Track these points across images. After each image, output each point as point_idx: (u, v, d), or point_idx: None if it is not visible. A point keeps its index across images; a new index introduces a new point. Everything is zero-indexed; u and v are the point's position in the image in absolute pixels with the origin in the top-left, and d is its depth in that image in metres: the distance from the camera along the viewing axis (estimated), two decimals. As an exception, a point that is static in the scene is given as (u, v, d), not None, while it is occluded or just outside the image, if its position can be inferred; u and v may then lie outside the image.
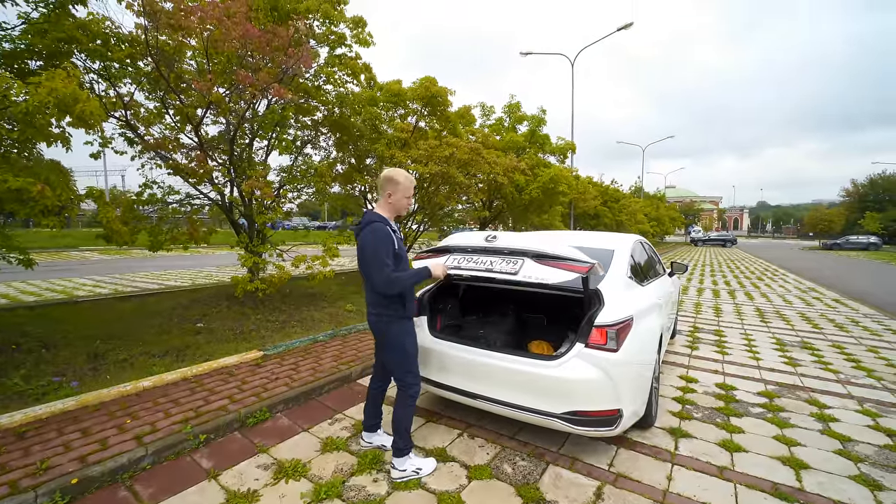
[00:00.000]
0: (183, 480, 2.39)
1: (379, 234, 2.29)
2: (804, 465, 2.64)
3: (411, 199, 2.51)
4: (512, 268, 2.56)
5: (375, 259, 2.26)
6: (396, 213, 2.49)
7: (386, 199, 2.44)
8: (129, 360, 3.93)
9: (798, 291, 10.61)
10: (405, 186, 2.43)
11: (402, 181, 2.42)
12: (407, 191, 2.44)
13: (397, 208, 2.47)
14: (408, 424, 2.49)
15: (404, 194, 2.44)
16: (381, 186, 2.46)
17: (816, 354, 5.04)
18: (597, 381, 2.40)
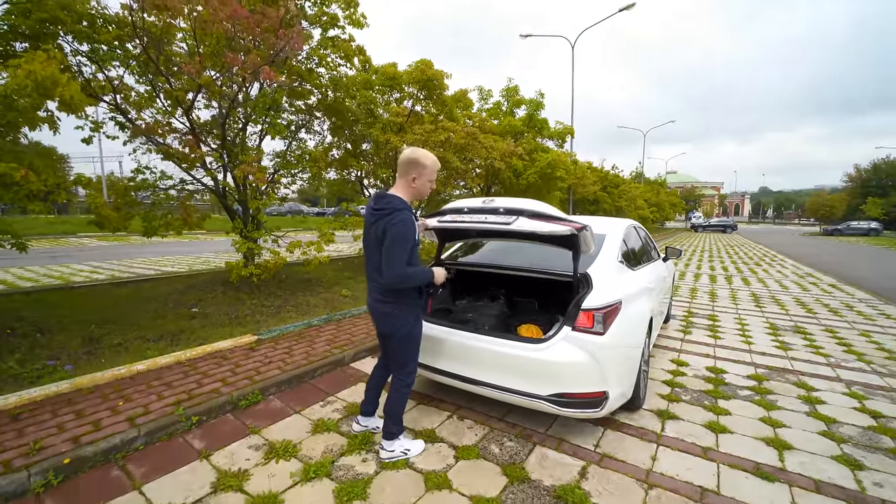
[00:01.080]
0: (175, 460, 2.43)
1: (407, 226, 2.15)
2: (788, 445, 2.68)
3: (434, 182, 2.38)
4: (506, 220, 2.50)
5: (395, 251, 2.14)
6: (418, 197, 2.36)
7: (409, 183, 2.30)
8: (124, 344, 3.96)
9: (795, 277, 10.62)
10: (431, 170, 2.30)
11: (428, 164, 2.29)
12: (432, 174, 2.32)
13: (420, 192, 2.34)
14: (401, 411, 2.49)
15: (429, 178, 2.31)
16: (402, 168, 2.29)
17: (809, 339, 5.07)
18: (583, 364, 2.42)
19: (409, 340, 2.40)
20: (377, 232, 2.22)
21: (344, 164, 8.56)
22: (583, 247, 2.66)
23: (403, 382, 2.45)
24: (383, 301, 2.33)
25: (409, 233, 2.15)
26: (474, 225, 2.63)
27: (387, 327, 2.37)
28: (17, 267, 9.55)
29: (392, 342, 2.41)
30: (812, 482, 2.32)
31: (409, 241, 2.15)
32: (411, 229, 2.17)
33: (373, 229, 2.26)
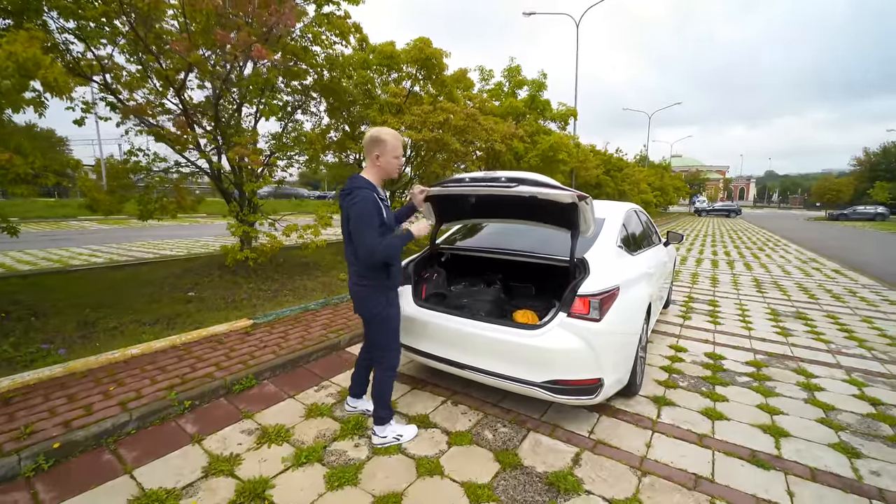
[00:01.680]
0: (167, 444, 2.43)
1: (365, 202, 2.13)
2: (784, 433, 2.65)
3: (401, 158, 2.33)
4: (508, 185, 2.43)
5: (360, 228, 2.12)
6: (386, 175, 2.32)
7: (374, 162, 2.27)
8: (119, 328, 3.95)
9: (798, 262, 10.53)
10: (393, 145, 2.25)
11: (388, 139, 2.24)
12: (395, 150, 2.27)
13: (387, 171, 2.30)
14: (388, 395, 2.47)
15: (393, 154, 2.26)
16: (366, 149, 2.29)
17: (810, 325, 5.02)
18: (578, 351, 2.38)
19: (383, 322, 2.36)
20: (345, 214, 2.24)
21: (341, 146, 8.41)
22: (582, 223, 2.60)
23: (386, 366, 2.44)
24: (358, 283, 2.34)
25: (370, 208, 2.13)
26: (475, 190, 2.59)
27: (361, 309, 2.38)
28: (17, 250, 9.55)
29: (368, 324, 2.42)
30: (808, 470, 2.30)
31: (373, 216, 2.13)
32: (373, 205, 2.15)
33: (343, 213, 2.27)
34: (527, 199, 2.53)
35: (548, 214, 2.81)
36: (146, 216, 5.67)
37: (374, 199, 2.17)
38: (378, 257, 2.18)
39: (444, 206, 3.13)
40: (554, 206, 2.58)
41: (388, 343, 2.42)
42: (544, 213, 2.80)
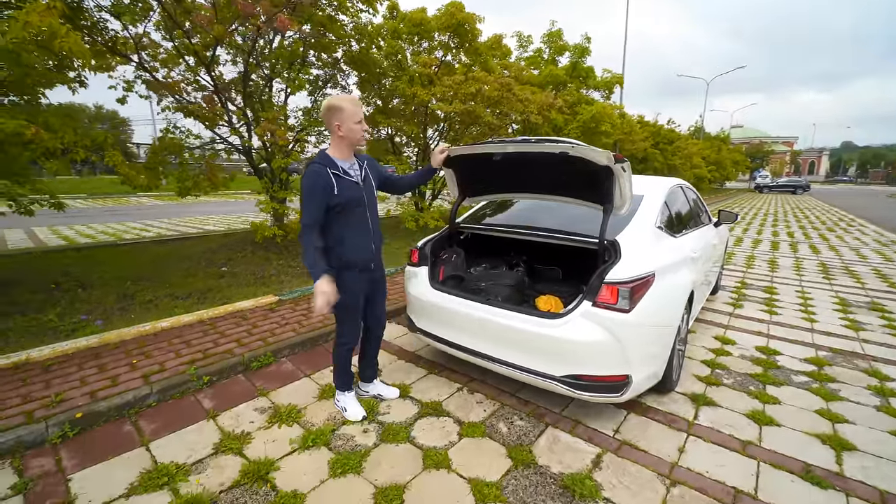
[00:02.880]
0: (184, 419, 2.48)
1: (306, 177, 2.09)
2: (849, 445, 2.30)
3: (363, 123, 2.19)
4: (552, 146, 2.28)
5: (301, 206, 2.12)
6: (352, 145, 2.20)
7: (336, 133, 2.15)
8: (155, 301, 4.11)
9: (877, 245, 9.36)
10: (351, 111, 2.12)
11: (346, 106, 2.12)
12: (354, 115, 2.12)
13: (351, 139, 2.16)
14: (339, 367, 2.52)
15: (353, 120, 2.12)
16: (326, 122, 2.18)
17: (887, 318, 4.41)
18: (603, 344, 2.14)
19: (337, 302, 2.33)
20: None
21: (372, 121, 8.26)
22: (617, 196, 2.35)
23: (339, 340, 2.47)
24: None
25: (308, 182, 2.07)
26: (500, 147, 2.45)
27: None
28: (81, 224, 10.35)
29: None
30: (876, 493, 1.97)
31: (309, 193, 2.06)
32: (315, 181, 2.06)
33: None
34: (557, 160, 2.30)
35: (580, 186, 2.54)
36: (184, 192, 5.86)
37: (319, 173, 2.08)
38: (300, 239, 2.16)
39: (466, 175, 2.92)
40: (587, 174, 2.33)
41: (340, 317, 2.41)
42: (576, 184, 2.54)
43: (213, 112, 4.77)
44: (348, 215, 2.18)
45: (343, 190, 2.13)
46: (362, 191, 2.23)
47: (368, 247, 2.30)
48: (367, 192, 2.26)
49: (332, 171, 2.11)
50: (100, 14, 5.14)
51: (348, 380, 2.57)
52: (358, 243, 2.26)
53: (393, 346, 3.52)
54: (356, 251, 2.26)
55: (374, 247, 2.33)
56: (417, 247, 3.03)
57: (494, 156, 2.51)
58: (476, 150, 2.57)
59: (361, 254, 2.28)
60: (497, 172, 2.84)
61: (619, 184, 2.31)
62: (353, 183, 2.19)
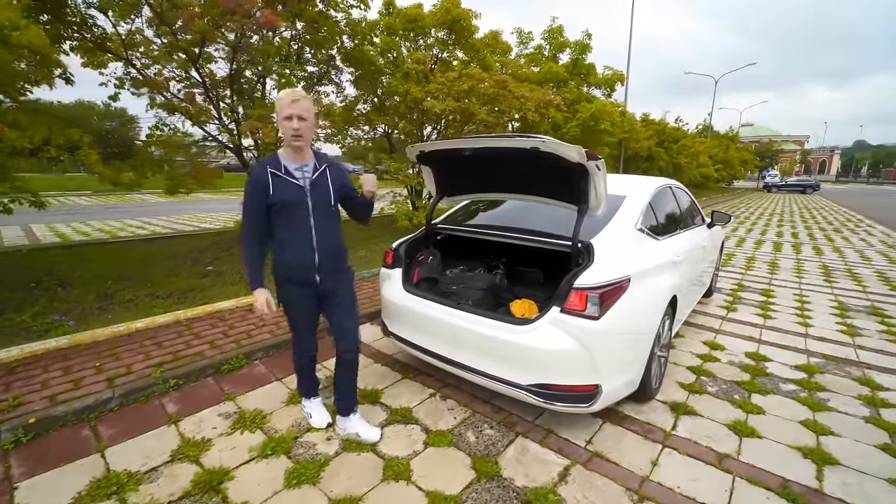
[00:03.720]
0: (145, 424, 2.42)
1: (247, 181, 1.98)
2: (831, 459, 2.19)
3: (293, 120, 1.88)
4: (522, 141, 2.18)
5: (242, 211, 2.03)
6: (287, 143, 1.97)
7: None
8: (135, 300, 4.08)
9: (883, 247, 9.13)
10: (278, 106, 1.92)
11: (277, 100, 1.95)
12: (281, 110, 1.89)
13: (284, 137, 1.96)
14: (298, 375, 2.47)
15: (280, 115, 1.90)
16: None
17: (887, 322, 4.26)
18: (570, 353, 2.04)
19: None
20: None
21: (367, 119, 8.18)
22: (592, 196, 2.24)
23: (293, 348, 2.39)
24: None
25: (246, 184, 1.98)
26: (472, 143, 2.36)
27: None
28: (80, 221, 10.40)
29: None
30: (855, 513, 1.86)
31: (249, 197, 1.96)
32: (249, 180, 1.96)
33: None
34: (532, 157, 2.19)
35: (555, 186, 2.45)
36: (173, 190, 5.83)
37: (256, 172, 1.96)
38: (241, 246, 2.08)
39: (444, 173, 2.84)
40: (561, 173, 2.24)
41: (291, 328, 2.35)
42: (552, 183, 2.46)
43: (198, 109, 4.70)
44: (288, 220, 1.98)
45: (279, 191, 1.93)
46: (305, 195, 1.97)
47: (308, 258, 2.02)
48: (314, 196, 1.99)
49: (272, 170, 1.94)
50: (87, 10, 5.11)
51: (311, 386, 2.47)
52: (295, 253, 2.03)
53: (371, 349, 3.45)
54: (292, 262, 2.05)
55: (316, 258, 2.03)
56: (392, 248, 2.95)
57: (465, 151, 2.42)
58: (447, 146, 2.49)
59: (298, 264, 2.04)
60: (474, 171, 2.76)
61: (593, 183, 2.22)
62: (294, 185, 1.96)
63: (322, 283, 2.11)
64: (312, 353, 2.37)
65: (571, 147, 2.05)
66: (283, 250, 2.04)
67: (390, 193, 8.26)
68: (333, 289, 2.17)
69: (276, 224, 2.00)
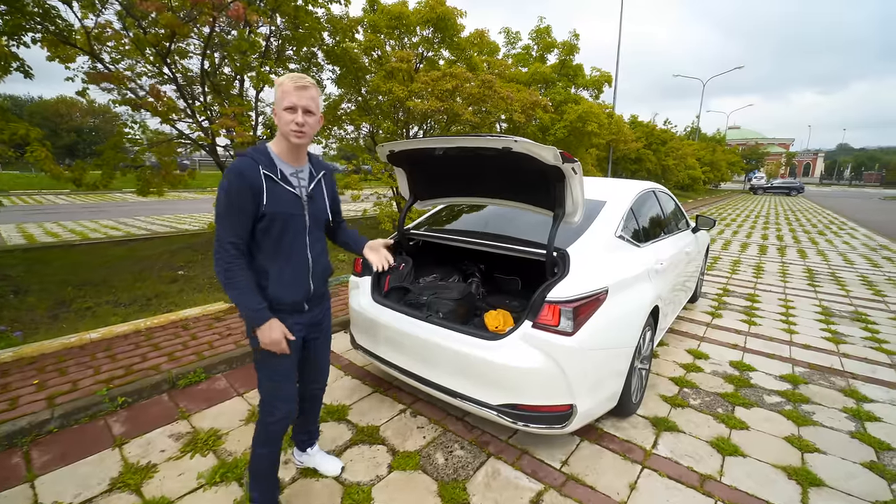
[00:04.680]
0: (85, 448, 2.22)
1: (226, 179, 1.47)
2: (816, 480, 2.08)
3: (297, 113, 1.48)
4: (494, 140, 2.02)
5: (216, 219, 1.50)
6: (285, 139, 1.53)
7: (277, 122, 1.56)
8: (94, 308, 3.85)
9: (866, 249, 9.20)
10: (281, 92, 1.49)
11: (278, 84, 1.52)
12: (283, 98, 1.48)
13: (281, 132, 1.53)
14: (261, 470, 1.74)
15: (281, 104, 1.49)
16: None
17: (871, 329, 4.21)
18: (541, 371, 1.90)
19: (254, 355, 1.67)
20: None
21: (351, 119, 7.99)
22: (568, 201, 2.10)
23: (262, 421, 1.69)
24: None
25: (231, 186, 1.45)
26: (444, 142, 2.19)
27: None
28: (52, 221, 10.02)
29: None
30: (842, 543, 1.75)
31: (234, 200, 1.45)
32: (236, 181, 1.45)
33: None
34: (507, 159, 2.04)
35: (531, 190, 2.31)
36: (144, 191, 5.59)
37: (243, 171, 1.46)
38: (216, 266, 1.49)
39: (417, 175, 2.69)
40: (537, 176, 2.10)
41: (265, 378, 1.67)
42: (527, 187, 2.32)
43: (166, 106, 4.48)
44: (279, 237, 1.56)
45: (275, 200, 1.50)
46: (303, 207, 1.60)
47: (304, 283, 1.65)
48: (311, 211, 1.63)
49: (266, 173, 1.49)
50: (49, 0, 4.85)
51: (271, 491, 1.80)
52: (289, 277, 1.61)
53: (342, 361, 3.28)
54: (285, 287, 1.60)
55: (311, 284, 1.67)
56: (361, 254, 2.78)
57: (436, 150, 2.27)
58: (418, 145, 2.33)
59: (292, 291, 1.63)
60: (448, 173, 2.61)
61: (569, 187, 2.08)
62: (291, 194, 1.56)
63: (313, 309, 1.74)
64: (294, 414, 1.75)
65: (546, 148, 1.91)
66: (271, 275, 1.57)
67: (374, 195, 8.07)
68: (319, 320, 1.80)
69: (259, 241, 1.54)
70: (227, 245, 1.46)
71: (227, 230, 1.47)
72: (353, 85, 8.11)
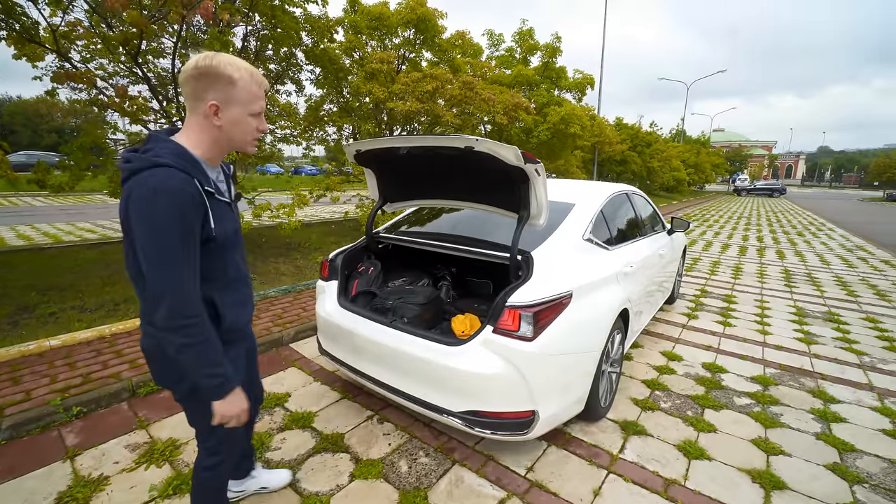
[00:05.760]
0: (34, 460, 2.13)
1: (158, 198, 1.05)
2: (779, 483, 2.09)
3: (262, 119, 1.26)
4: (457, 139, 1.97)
5: (150, 252, 1.07)
6: (231, 147, 1.24)
7: (207, 118, 1.16)
8: (58, 314, 3.72)
9: (842, 250, 9.39)
10: (249, 91, 1.17)
11: (239, 78, 1.15)
12: (253, 99, 1.19)
13: (233, 138, 1.21)
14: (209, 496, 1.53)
15: (249, 107, 1.19)
16: (191, 93, 1.15)
17: (842, 329, 4.27)
18: (501, 378, 1.87)
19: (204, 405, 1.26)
20: (123, 216, 1.14)
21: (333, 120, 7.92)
22: (533, 204, 2.07)
23: (202, 464, 1.46)
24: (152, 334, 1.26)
25: (174, 207, 1.07)
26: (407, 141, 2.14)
27: (162, 378, 1.34)
28: (26, 224, 9.74)
29: (184, 402, 1.39)
30: (800, 546, 1.75)
31: (175, 234, 1.07)
32: (183, 199, 1.08)
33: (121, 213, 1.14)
34: (471, 159, 2.00)
35: (497, 191, 2.29)
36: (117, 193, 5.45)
37: (190, 191, 1.10)
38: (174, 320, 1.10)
39: (384, 176, 2.65)
40: (501, 177, 2.07)
41: (209, 430, 1.36)
42: (493, 189, 2.30)
43: (133, 105, 4.37)
44: (227, 258, 1.30)
45: (220, 218, 1.22)
46: (235, 216, 1.37)
47: (251, 298, 1.47)
48: (237, 216, 1.41)
49: (201, 184, 1.15)
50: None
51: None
52: (242, 296, 1.40)
53: (313, 366, 3.21)
54: (239, 308, 1.37)
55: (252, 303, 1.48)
56: (328, 258, 2.74)
57: (400, 150, 2.23)
58: (382, 144, 2.29)
59: (246, 311, 1.43)
60: (416, 175, 2.58)
61: (534, 189, 2.05)
62: (226, 204, 1.29)
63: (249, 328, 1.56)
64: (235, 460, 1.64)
65: (508, 148, 1.88)
66: (222, 301, 1.29)
67: (356, 196, 8.01)
68: (251, 335, 1.60)
69: (206, 270, 1.20)
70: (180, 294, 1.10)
71: (188, 271, 1.11)
72: (334, 86, 8.05)
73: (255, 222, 5.62)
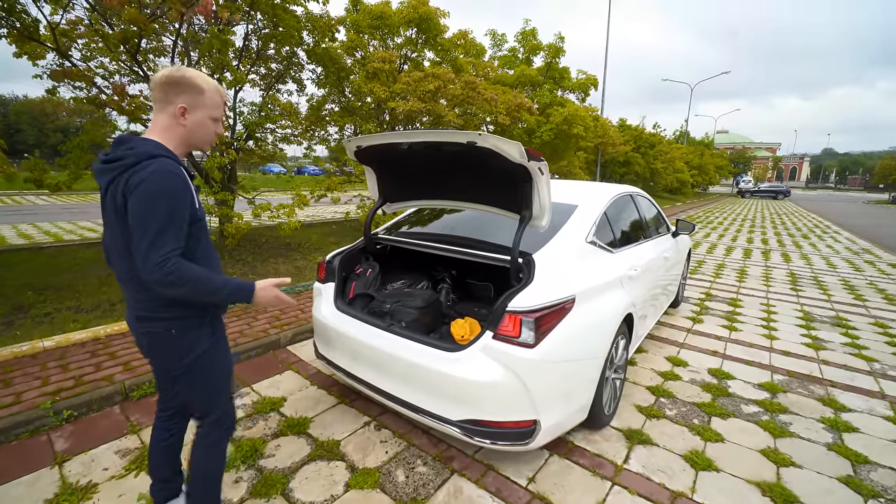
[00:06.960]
0: (21, 466, 2.07)
1: (167, 181, 1.24)
2: (791, 497, 2.01)
3: (220, 123, 1.45)
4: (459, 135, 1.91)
5: (149, 232, 1.21)
6: (192, 146, 1.43)
7: (174, 118, 1.34)
8: (54, 314, 3.68)
9: (848, 253, 9.27)
10: (213, 100, 1.38)
11: (206, 87, 1.36)
12: (216, 106, 1.39)
13: (192, 138, 1.39)
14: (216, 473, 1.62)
15: (211, 112, 1.39)
16: (161, 94, 1.33)
17: (850, 335, 4.18)
18: (501, 386, 1.80)
19: (205, 372, 1.45)
20: (115, 201, 1.26)
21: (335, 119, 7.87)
22: (535, 203, 2.01)
23: (214, 435, 1.56)
24: (142, 315, 1.38)
25: (172, 193, 1.25)
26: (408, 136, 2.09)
27: (163, 359, 1.47)
28: (28, 223, 9.73)
29: (179, 380, 1.47)
30: (814, 565, 1.67)
31: (176, 209, 1.26)
32: (177, 188, 1.26)
33: (108, 198, 1.30)
34: (472, 156, 1.94)
35: (499, 191, 2.23)
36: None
37: (181, 175, 1.30)
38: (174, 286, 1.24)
39: (385, 175, 2.59)
40: (504, 176, 2.01)
41: (217, 400, 1.53)
42: (495, 188, 2.23)
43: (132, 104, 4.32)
44: (206, 241, 1.46)
45: (197, 203, 1.39)
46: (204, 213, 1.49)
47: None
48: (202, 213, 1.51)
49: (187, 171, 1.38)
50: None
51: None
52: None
53: (310, 369, 3.15)
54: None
55: None
56: (325, 260, 2.67)
57: (402, 145, 2.16)
58: (384, 140, 2.22)
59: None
60: (416, 173, 2.51)
61: (537, 188, 1.98)
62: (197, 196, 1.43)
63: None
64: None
65: (511, 143, 1.81)
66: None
67: (357, 197, 7.95)
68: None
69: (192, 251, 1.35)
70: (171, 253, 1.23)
71: (172, 240, 1.24)
72: (336, 85, 8.00)
73: (255, 222, 5.56)
